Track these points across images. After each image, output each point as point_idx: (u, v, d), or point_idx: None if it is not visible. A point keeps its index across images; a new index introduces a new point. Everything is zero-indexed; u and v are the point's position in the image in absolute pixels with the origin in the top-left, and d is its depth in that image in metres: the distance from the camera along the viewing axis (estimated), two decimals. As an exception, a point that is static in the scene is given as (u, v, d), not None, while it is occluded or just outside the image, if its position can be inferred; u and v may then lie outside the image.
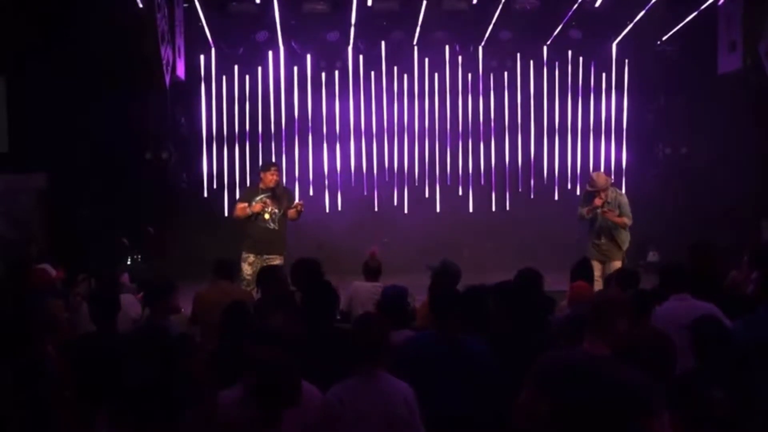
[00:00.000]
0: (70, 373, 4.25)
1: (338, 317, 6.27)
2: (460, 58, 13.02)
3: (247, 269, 8.50)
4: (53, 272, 7.26)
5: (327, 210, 12.99)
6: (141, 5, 9.46)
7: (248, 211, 8.66)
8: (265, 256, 8.54)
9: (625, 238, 9.34)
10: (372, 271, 7.15)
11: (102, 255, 9.66)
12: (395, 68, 13.04)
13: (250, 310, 4.95)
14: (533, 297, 5.33)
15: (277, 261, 8.49)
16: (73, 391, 4.08)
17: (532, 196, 13.24)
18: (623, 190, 13.23)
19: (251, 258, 8.62)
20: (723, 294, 5.83)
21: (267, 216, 8.67)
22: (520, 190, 13.23)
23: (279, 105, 12.89)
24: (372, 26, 12.30)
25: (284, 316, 4.80)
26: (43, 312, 4.95)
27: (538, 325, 4.89)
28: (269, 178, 8.73)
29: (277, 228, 8.70)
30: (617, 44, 12.88)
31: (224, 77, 12.75)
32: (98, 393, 3.84)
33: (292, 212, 8.74)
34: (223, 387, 3.81)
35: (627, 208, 9.36)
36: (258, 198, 8.70)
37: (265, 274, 6.19)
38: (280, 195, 8.77)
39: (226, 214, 11.87)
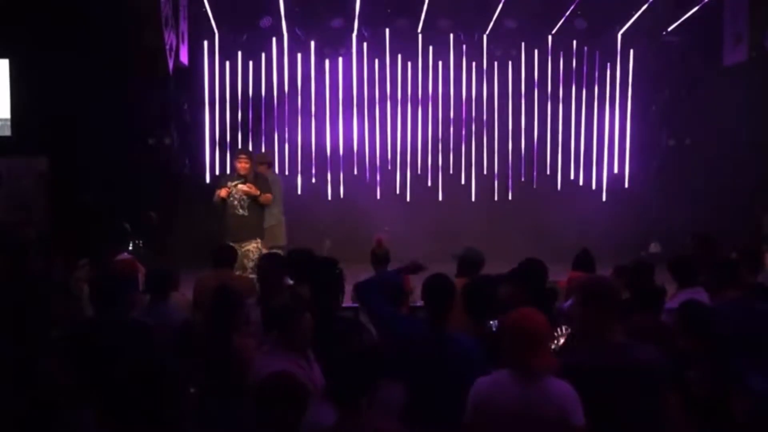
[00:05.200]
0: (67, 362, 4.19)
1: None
2: (464, 46, 12.97)
3: None
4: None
5: (329, 197, 12.98)
6: (145, -11, 9.43)
7: (216, 198, 8.87)
8: (242, 244, 8.61)
9: None
10: (380, 259, 7.02)
11: (103, 240, 9.64)
12: (399, 56, 13.02)
13: (240, 298, 4.89)
14: (538, 287, 5.32)
15: (252, 246, 8.66)
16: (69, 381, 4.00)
17: (534, 186, 13.22)
18: (626, 183, 13.30)
19: None
20: None
21: (236, 202, 8.78)
22: (522, 179, 13.20)
23: (282, 91, 12.85)
24: (376, 13, 12.26)
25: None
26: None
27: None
28: (238, 165, 8.91)
29: (246, 214, 8.80)
30: (622, 34, 12.83)
31: (227, 63, 12.73)
32: (92, 385, 3.76)
33: (262, 198, 8.82)
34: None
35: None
36: (230, 184, 8.83)
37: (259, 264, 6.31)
38: (252, 182, 8.85)
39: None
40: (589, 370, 3.48)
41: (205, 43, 12.57)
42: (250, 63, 12.84)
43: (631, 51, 13.06)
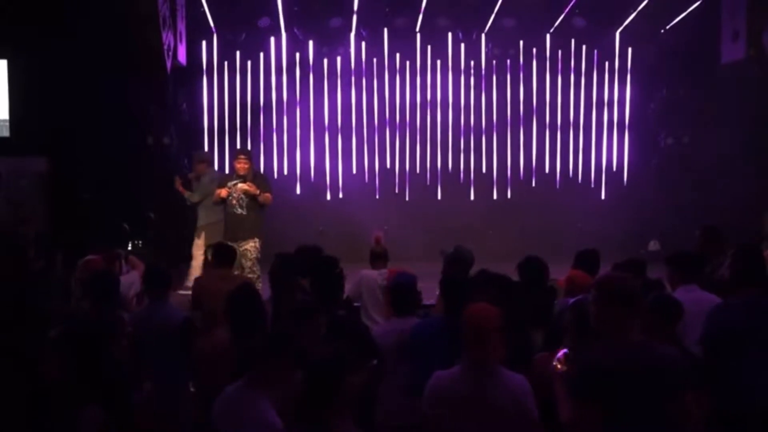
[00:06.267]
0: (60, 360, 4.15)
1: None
2: (462, 45, 12.97)
3: None
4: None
5: (328, 197, 12.98)
6: (143, -11, 9.42)
7: (217, 197, 8.93)
8: (240, 243, 8.61)
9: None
10: (378, 257, 7.04)
11: (102, 240, 9.65)
12: (397, 55, 13.02)
13: (258, 296, 4.93)
14: (538, 285, 5.33)
15: (250, 245, 8.69)
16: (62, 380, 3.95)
17: (533, 185, 13.22)
18: (624, 181, 13.31)
19: None
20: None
21: (234, 201, 8.82)
22: (521, 178, 13.20)
23: (281, 91, 12.85)
24: (375, 13, 12.26)
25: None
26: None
27: (543, 314, 4.89)
28: (237, 166, 8.94)
29: (245, 213, 8.84)
30: (621, 32, 12.83)
31: (226, 63, 12.72)
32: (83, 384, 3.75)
33: (262, 198, 8.86)
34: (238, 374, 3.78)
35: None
36: (230, 183, 8.83)
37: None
38: (252, 182, 8.86)
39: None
40: (611, 370, 3.46)
41: (204, 42, 12.57)
42: (249, 62, 12.84)
43: (630, 49, 13.07)
